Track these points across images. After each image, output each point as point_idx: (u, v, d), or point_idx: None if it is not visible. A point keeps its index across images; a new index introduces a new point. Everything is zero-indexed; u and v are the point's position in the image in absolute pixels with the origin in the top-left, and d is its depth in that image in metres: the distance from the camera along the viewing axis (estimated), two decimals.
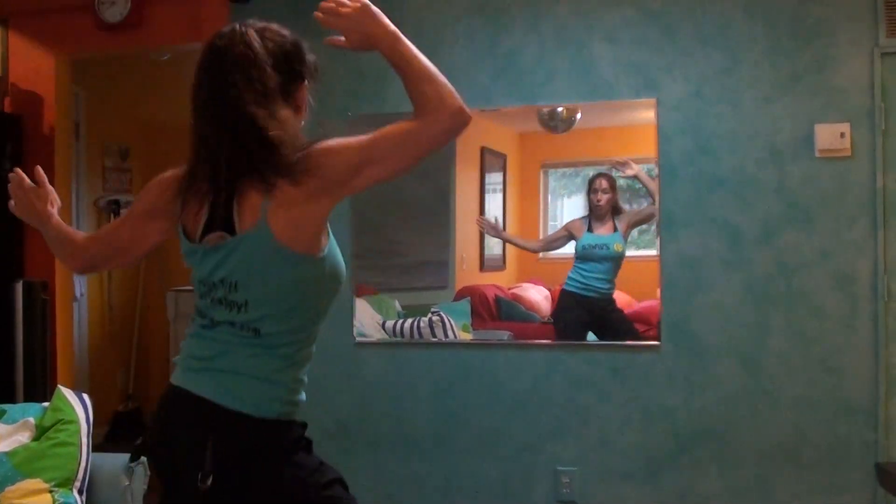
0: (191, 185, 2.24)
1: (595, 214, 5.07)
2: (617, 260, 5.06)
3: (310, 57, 2.32)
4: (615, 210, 5.06)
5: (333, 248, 2.26)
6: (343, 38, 2.26)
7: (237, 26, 2.24)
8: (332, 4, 2.24)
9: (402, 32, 2.25)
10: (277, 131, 2.14)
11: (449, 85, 2.21)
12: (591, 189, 5.08)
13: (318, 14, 2.24)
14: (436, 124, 2.16)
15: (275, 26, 2.30)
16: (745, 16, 4.78)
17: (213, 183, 2.20)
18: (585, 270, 5.12)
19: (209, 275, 2.24)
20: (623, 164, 5.00)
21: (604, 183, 5.05)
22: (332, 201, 2.18)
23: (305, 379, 2.33)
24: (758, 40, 4.76)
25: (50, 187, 2.69)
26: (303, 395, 2.31)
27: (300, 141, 2.19)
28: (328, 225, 2.24)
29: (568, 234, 5.15)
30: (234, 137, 2.15)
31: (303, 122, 2.33)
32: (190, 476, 2.15)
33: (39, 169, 2.71)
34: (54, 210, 2.66)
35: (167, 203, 2.33)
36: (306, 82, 2.32)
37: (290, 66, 2.26)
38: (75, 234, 2.64)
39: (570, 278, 5.13)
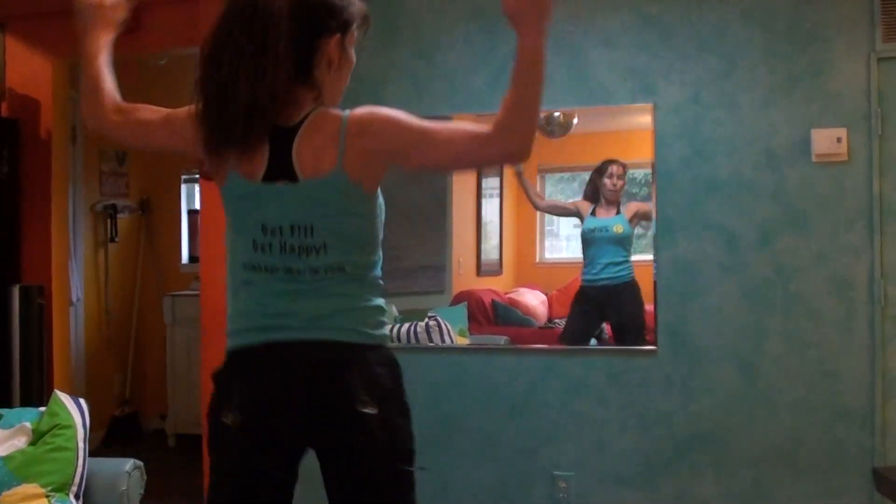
0: (225, 127, 2.22)
1: (605, 199, 5.07)
2: (620, 241, 5.05)
3: (351, 7, 2.36)
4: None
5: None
6: None
7: None
8: None
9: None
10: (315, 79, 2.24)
11: (534, 122, 2.20)
12: (604, 173, 5.06)
13: None
14: (495, 146, 2.19)
15: None
16: (741, 21, 4.78)
17: (264, 127, 2.22)
18: (589, 258, 5.12)
19: (276, 219, 2.24)
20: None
21: (619, 169, 5.05)
22: (387, 166, 2.25)
23: None
24: (755, 45, 4.77)
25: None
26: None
27: (338, 91, 2.32)
28: None
29: (575, 209, 5.14)
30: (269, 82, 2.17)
31: (343, 77, 2.38)
32: (337, 415, 2.22)
33: None
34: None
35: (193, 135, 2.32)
36: (339, 35, 2.31)
37: (315, 20, 2.27)
38: (108, 92, 2.56)
39: (582, 271, 5.13)
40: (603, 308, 5.16)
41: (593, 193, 5.11)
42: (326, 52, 2.28)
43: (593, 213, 5.10)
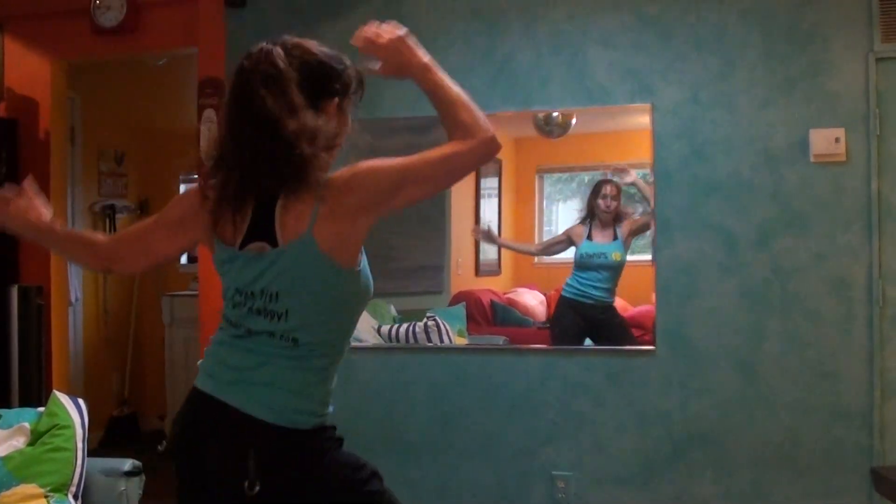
0: (224, 195, 2.24)
1: (599, 220, 5.08)
2: (616, 269, 5.07)
3: (346, 72, 2.35)
4: (617, 217, 5.07)
5: (366, 263, 2.31)
6: (378, 67, 2.36)
7: (265, 44, 2.25)
8: (371, 35, 2.34)
9: None
10: (306, 147, 2.17)
11: (481, 113, 2.30)
12: (598, 194, 5.08)
13: (357, 41, 2.33)
14: (471, 151, 2.26)
15: (308, 43, 2.31)
16: (740, 21, 4.79)
17: (254, 193, 2.23)
18: (583, 278, 5.14)
19: (249, 284, 2.24)
20: (622, 171, 5.01)
21: (612, 189, 5.06)
22: (372, 218, 2.23)
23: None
24: (753, 45, 4.77)
25: (41, 196, 2.62)
26: (331, 408, 2.34)
27: (331, 156, 2.29)
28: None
29: (567, 240, 5.16)
30: (264, 151, 2.17)
31: (341, 137, 2.37)
32: (228, 485, 2.19)
33: (29, 179, 2.65)
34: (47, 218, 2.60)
35: (196, 214, 2.33)
36: (337, 99, 2.32)
37: (319, 83, 2.27)
38: (92, 234, 2.63)
39: (567, 284, 5.15)
40: (588, 322, 5.16)
41: (589, 213, 5.12)
42: (324, 114, 2.28)
43: (590, 237, 5.11)
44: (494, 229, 5.32)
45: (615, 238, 5.06)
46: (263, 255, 2.21)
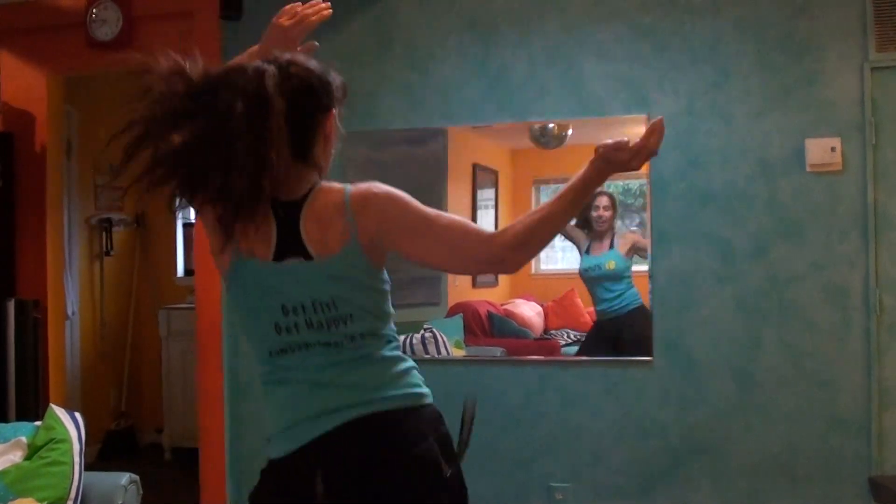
0: (237, 214, 2.15)
1: (595, 233, 5.08)
2: (613, 277, 5.06)
3: (336, 82, 2.32)
4: (611, 228, 5.07)
5: None
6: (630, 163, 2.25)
7: (260, 64, 2.20)
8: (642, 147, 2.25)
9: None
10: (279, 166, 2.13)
11: (533, 253, 2.25)
12: (591, 206, 5.07)
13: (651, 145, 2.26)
14: (498, 252, 2.19)
15: (300, 58, 2.28)
16: (735, 31, 4.80)
17: (271, 207, 2.21)
18: (593, 296, 5.15)
19: (297, 297, 2.21)
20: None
21: (606, 200, 5.06)
22: (384, 248, 2.26)
23: None
24: (748, 55, 4.78)
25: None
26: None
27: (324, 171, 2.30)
28: None
29: (573, 239, 5.16)
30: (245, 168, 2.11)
31: (333, 150, 2.37)
32: (425, 479, 2.21)
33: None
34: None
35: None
36: (335, 110, 2.32)
37: (316, 100, 2.26)
38: None
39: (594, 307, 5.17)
40: (616, 336, 5.15)
41: (585, 225, 5.12)
42: (325, 128, 2.29)
43: (588, 251, 5.11)
44: None
45: (611, 248, 5.07)
46: (304, 265, 2.20)
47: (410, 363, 2.36)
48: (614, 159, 2.21)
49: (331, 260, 2.19)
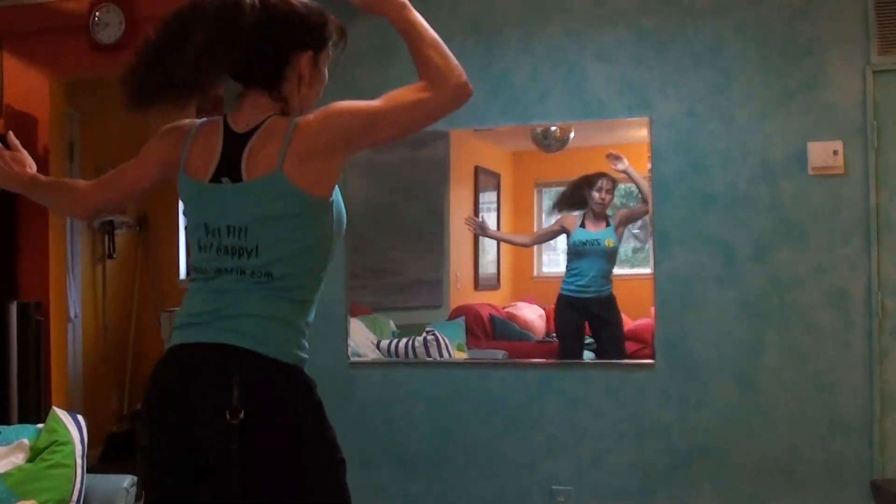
0: (187, 126, 2.35)
1: (593, 212, 5.08)
2: (609, 255, 5.07)
3: (324, 25, 2.36)
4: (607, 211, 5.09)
5: (338, 194, 2.32)
6: None
7: None
8: None
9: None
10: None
11: (454, 59, 2.31)
12: (593, 187, 5.07)
13: None
14: (441, 97, 2.27)
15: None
16: (737, 34, 4.80)
17: (222, 128, 2.29)
18: (577, 270, 5.14)
19: (215, 219, 2.25)
20: (616, 158, 5.00)
21: (608, 183, 5.06)
22: (343, 155, 2.27)
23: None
24: (750, 59, 4.78)
25: (24, 151, 2.75)
26: (307, 347, 2.32)
27: (304, 103, 2.35)
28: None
29: (560, 229, 5.17)
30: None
31: (314, 93, 2.40)
32: (209, 422, 2.15)
33: (11, 134, 2.73)
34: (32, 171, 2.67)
35: (177, 151, 2.37)
36: (311, 52, 2.34)
37: (289, 36, 2.29)
38: (72, 182, 2.67)
39: (564, 282, 5.15)
40: (586, 320, 5.16)
41: (579, 205, 5.11)
42: (298, 66, 2.31)
43: (582, 225, 5.11)
44: (493, 242, 5.32)
45: (608, 226, 5.07)
46: (229, 188, 2.23)
47: (295, 321, 2.28)
48: (362, 5, 2.35)
49: (252, 184, 2.21)
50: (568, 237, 5.13)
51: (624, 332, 5.04)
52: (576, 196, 5.14)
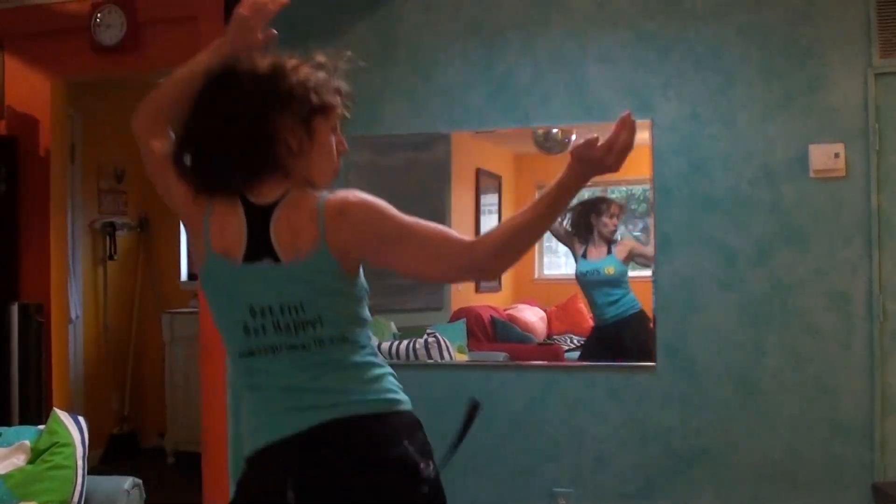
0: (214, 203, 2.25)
1: (599, 237, 5.08)
2: (611, 282, 5.07)
3: (312, 90, 2.27)
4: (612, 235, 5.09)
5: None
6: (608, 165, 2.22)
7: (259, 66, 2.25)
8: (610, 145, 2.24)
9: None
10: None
11: (523, 255, 2.21)
12: (602, 212, 5.06)
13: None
14: (477, 261, 2.15)
15: (292, 63, 2.28)
16: (738, 37, 4.80)
17: (242, 203, 2.23)
18: (589, 300, 5.17)
19: (266, 300, 2.19)
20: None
21: (616, 209, 5.07)
22: (361, 252, 2.21)
23: None
24: (751, 61, 4.78)
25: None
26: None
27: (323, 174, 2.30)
28: None
29: (570, 245, 5.16)
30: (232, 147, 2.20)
31: (322, 162, 2.31)
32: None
33: None
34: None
35: (200, 216, 2.29)
36: (321, 116, 2.28)
37: (268, 99, 2.22)
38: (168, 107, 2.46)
39: (591, 313, 5.18)
40: (616, 341, 5.15)
41: (585, 232, 5.11)
42: (281, 133, 2.21)
43: (585, 255, 5.11)
44: None
45: (609, 253, 5.07)
46: (273, 268, 2.18)
47: (385, 369, 2.31)
48: (587, 157, 2.18)
49: (300, 265, 2.16)
50: (575, 266, 5.15)
51: (646, 345, 4.97)
52: (580, 223, 5.13)
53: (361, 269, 2.27)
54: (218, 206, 2.24)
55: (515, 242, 2.14)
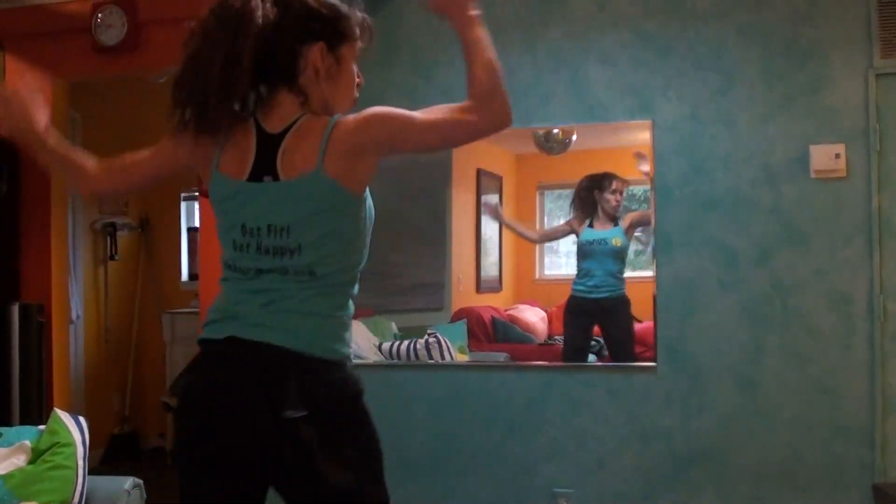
0: (230, 128, 2.29)
1: (603, 213, 5.07)
2: (618, 254, 5.06)
3: (339, 19, 2.37)
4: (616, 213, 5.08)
5: (368, 191, 2.34)
6: None
7: None
8: None
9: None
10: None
11: (504, 87, 2.35)
12: (604, 188, 5.06)
13: None
14: (479, 122, 2.33)
15: None
16: (739, 38, 4.80)
17: (254, 128, 2.29)
18: (586, 270, 5.13)
19: (254, 219, 2.25)
20: (642, 157, 4.97)
21: (621, 185, 5.06)
22: (375, 158, 2.27)
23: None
24: (752, 62, 4.78)
25: (39, 94, 2.67)
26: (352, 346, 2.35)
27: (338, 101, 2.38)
28: None
29: (569, 229, 5.15)
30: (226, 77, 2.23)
31: (341, 90, 2.41)
32: (254, 419, 2.17)
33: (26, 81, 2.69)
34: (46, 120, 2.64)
35: (212, 148, 2.34)
36: (322, 43, 2.33)
37: (299, 24, 2.29)
38: (82, 161, 2.65)
39: (574, 282, 5.14)
40: (596, 321, 5.16)
41: (589, 206, 5.11)
42: (309, 59, 2.30)
43: (591, 226, 5.11)
44: (495, 244, 5.33)
45: (615, 226, 5.06)
46: (268, 186, 2.23)
47: (338, 315, 2.31)
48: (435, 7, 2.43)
49: (293, 183, 2.21)
50: (577, 237, 5.13)
51: (633, 335, 5.02)
52: (585, 198, 5.13)
53: (368, 192, 2.31)
54: (233, 137, 2.30)
55: (490, 79, 2.38)
